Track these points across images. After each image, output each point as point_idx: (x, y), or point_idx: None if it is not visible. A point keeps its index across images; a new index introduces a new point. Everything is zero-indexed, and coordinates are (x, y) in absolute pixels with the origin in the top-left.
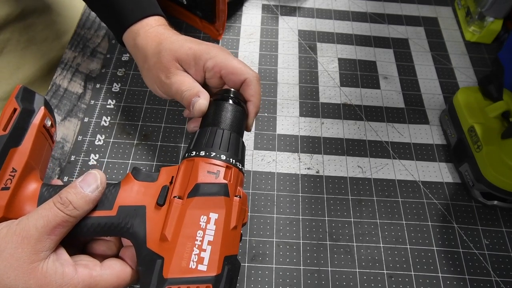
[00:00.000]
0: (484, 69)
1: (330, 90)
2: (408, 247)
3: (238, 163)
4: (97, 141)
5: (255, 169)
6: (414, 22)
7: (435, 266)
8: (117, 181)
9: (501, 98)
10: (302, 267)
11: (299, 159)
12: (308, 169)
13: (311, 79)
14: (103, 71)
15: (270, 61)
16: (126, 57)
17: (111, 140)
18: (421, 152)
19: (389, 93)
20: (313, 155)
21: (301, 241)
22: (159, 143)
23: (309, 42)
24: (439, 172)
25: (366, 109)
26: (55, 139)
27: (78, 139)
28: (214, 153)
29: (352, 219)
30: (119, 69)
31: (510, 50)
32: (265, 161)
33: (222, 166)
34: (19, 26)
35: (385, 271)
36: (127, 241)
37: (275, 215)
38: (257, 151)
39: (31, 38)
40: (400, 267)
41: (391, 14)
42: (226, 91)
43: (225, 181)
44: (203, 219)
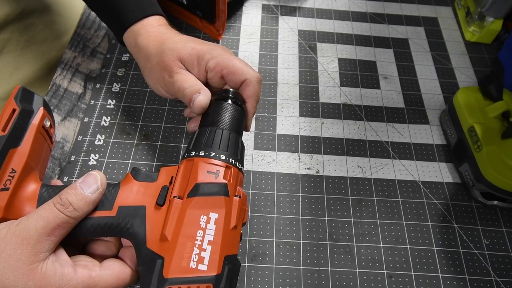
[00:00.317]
0: (484, 69)
1: (330, 90)
2: (408, 247)
3: (237, 163)
4: (97, 141)
5: (255, 169)
6: (414, 22)
7: (435, 266)
8: (117, 181)
9: (501, 98)
10: (302, 267)
11: (299, 159)
12: (308, 169)
13: (311, 79)
14: (103, 71)
15: (270, 61)
16: (126, 57)
17: (111, 140)
18: (421, 152)
19: (389, 93)
20: (313, 155)
21: (301, 241)
22: (159, 143)
23: (309, 42)
24: (439, 172)
25: (366, 109)
26: (54, 139)
27: (78, 139)
28: (213, 153)
29: (352, 219)
30: (119, 69)
31: (510, 50)
32: (265, 161)
33: (222, 166)
34: (19, 26)
35: (385, 271)
36: (126, 241)
37: (275, 215)
38: (257, 151)
39: (31, 38)
40: (400, 267)
41: (391, 14)
42: (225, 91)
43: (225, 181)
44: (203, 219)
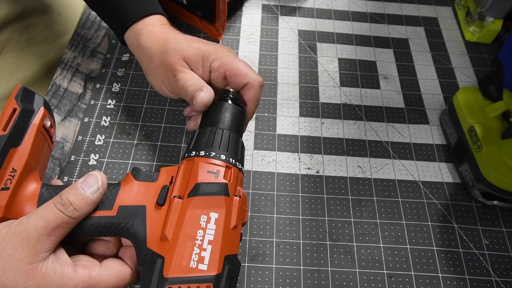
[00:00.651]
0: (484, 69)
1: (330, 90)
2: (408, 247)
3: (237, 163)
4: (97, 141)
5: (255, 169)
6: (414, 22)
7: (435, 266)
8: (117, 181)
9: (501, 98)
10: (302, 267)
11: (299, 159)
12: (308, 169)
13: (311, 79)
14: (103, 71)
15: (270, 61)
16: (126, 57)
17: (111, 140)
18: (421, 152)
19: (389, 93)
20: (313, 155)
21: (301, 241)
22: (159, 143)
23: (309, 42)
24: (439, 172)
25: (366, 109)
26: (54, 139)
27: (78, 139)
28: (214, 153)
29: (352, 219)
30: (119, 69)
31: (510, 50)
32: (265, 161)
33: (222, 166)
34: (19, 26)
35: (385, 271)
36: (126, 241)
37: (275, 215)
38: (257, 151)
39: (31, 38)
40: (400, 267)
41: (391, 14)
42: (225, 91)
43: (225, 181)
44: (203, 218)
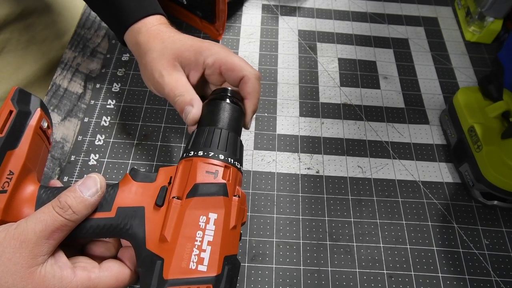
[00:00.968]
0: (484, 69)
1: (330, 90)
2: (408, 247)
3: (236, 162)
4: (97, 141)
5: (255, 169)
6: (414, 22)
7: (435, 266)
8: (117, 181)
9: (501, 98)
10: (302, 267)
11: (299, 159)
12: (308, 169)
13: (311, 79)
14: (103, 71)
15: (270, 61)
16: (126, 57)
17: (111, 140)
18: (421, 152)
19: (389, 93)
20: (313, 155)
21: (301, 241)
22: (159, 143)
23: (309, 42)
24: (439, 172)
25: (366, 109)
26: (51, 140)
27: (78, 139)
28: (212, 153)
29: (352, 219)
30: (119, 69)
31: (510, 50)
32: (265, 161)
33: (221, 166)
34: (19, 26)
35: (385, 271)
36: (126, 241)
37: (275, 215)
38: (257, 151)
39: (31, 38)
40: (400, 267)
41: (391, 14)
42: (223, 90)
43: (224, 181)
44: (203, 219)
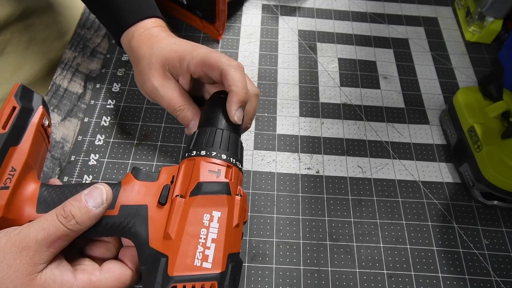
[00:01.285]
0: (484, 69)
1: (330, 90)
2: (408, 247)
3: (237, 162)
4: (97, 141)
5: (255, 169)
6: (414, 22)
7: (435, 266)
8: (117, 181)
9: (501, 98)
10: (302, 267)
11: (299, 159)
12: (308, 169)
13: (311, 79)
14: (103, 71)
15: (270, 61)
16: (126, 57)
17: (111, 140)
18: (421, 152)
19: (389, 93)
20: (313, 155)
21: (301, 241)
22: (159, 143)
23: (309, 42)
24: (439, 172)
25: (366, 109)
26: (51, 139)
27: (78, 139)
28: (215, 153)
29: (352, 219)
30: (119, 69)
31: (510, 50)
32: (265, 161)
33: (223, 165)
34: (19, 26)
35: (385, 271)
36: (126, 241)
37: (275, 215)
38: (257, 151)
39: (32, 38)
40: (400, 267)
41: (391, 14)
42: (223, 92)
43: (227, 180)
44: (206, 217)
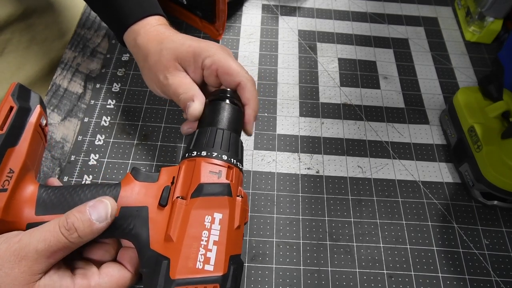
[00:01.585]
0: (484, 69)
1: (330, 90)
2: (408, 247)
3: (238, 163)
4: (97, 141)
5: (255, 169)
6: (414, 22)
7: (435, 266)
8: (117, 181)
9: (501, 98)
10: (302, 267)
11: (299, 159)
12: (308, 169)
13: (311, 79)
14: (103, 71)
15: (270, 61)
16: (126, 57)
17: (111, 140)
18: (421, 152)
19: (389, 93)
20: (313, 155)
21: (301, 241)
22: (159, 143)
23: (309, 42)
24: (439, 172)
25: (366, 109)
26: (48, 138)
27: (78, 139)
28: (215, 153)
29: (352, 219)
30: (119, 69)
31: (510, 50)
32: (265, 161)
33: (224, 166)
34: (20, 26)
35: (385, 271)
36: (125, 241)
37: (275, 215)
38: (257, 151)
39: (32, 38)
40: (400, 267)
41: (391, 14)
42: (222, 91)
43: (228, 181)
44: (208, 219)
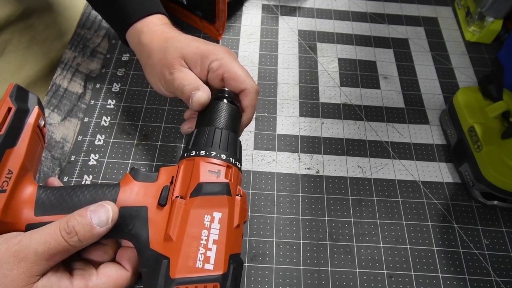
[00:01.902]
0: (484, 69)
1: (330, 90)
2: (408, 247)
3: (237, 162)
4: (97, 141)
5: (255, 169)
6: (414, 22)
7: (435, 266)
8: (117, 181)
9: (501, 98)
10: (302, 267)
11: (299, 159)
12: (308, 169)
13: (311, 79)
14: (103, 71)
15: (270, 61)
16: (126, 57)
17: (111, 140)
18: (421, 152)
19: (389, 93)
20: (313, 155)
21: (301, 241)
22: (159, 143)
23: (309, 42)
24: (439, 172)
25: (366, 109)
26: (46, 139)
27: (78, 139)
28: (214, 153)
29: (352, 219)
30: (119, 69)
31: (510, 50)
32: (265, 161)
33: (223, 166)
34: (20, 26)
35: (385, 271)
36: (125, 241)
37: (275, 215)
38: (257, 151)
39: (32, 38)
40: (400, 267)
41: (391, 14)
42: (221, 90)
43: (227, 180)
44: (207, 218)
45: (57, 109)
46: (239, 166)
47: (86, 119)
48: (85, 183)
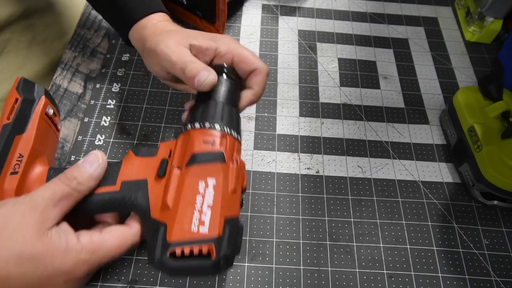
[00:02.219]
0: (484, 69)
1: (330, 90)
2: (408, 247)
3: (233, 131)
4: (97, 141)
5: (255, 169)
6: (414, 22)
7: (435, 266)
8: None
9: (501, 98)
10: (302, 267)
11: (299, 159)
12: (308, 169)
13: (311, 79)
14: (103, 71)
15: (270, 61)
16: (126, 57)
17: (111, 140)
18: (421, 152)
19: (389, 93)
20: (313, 155)
21: (301, 241)
22: (159, 143)
23: (309, 42)
24: (439, 172)
25: (366, 109)
26: (60, 127)
27: (78, 139)
28: (207, 123)
29: (352, 219)
30: (119, 69)
31: (510, 50)
32: (265, 161)
33: (217, 135)
34: (20, 26)
35: (385, 271)
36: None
37: (275, 215)
38: (257, 151)
39: (32, 38)
40: (400, 267)
41: (391, 14)
42: (219, 66)
43: (221, 149)
44: (202, 184)
45: None
46: (235, 136)
47: (86, 119)
48: None
